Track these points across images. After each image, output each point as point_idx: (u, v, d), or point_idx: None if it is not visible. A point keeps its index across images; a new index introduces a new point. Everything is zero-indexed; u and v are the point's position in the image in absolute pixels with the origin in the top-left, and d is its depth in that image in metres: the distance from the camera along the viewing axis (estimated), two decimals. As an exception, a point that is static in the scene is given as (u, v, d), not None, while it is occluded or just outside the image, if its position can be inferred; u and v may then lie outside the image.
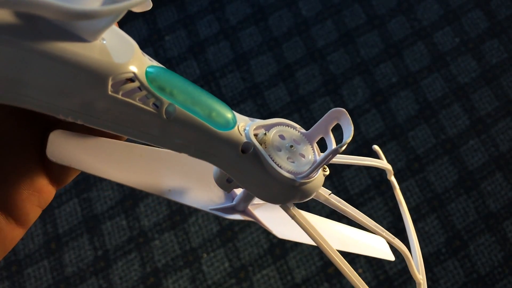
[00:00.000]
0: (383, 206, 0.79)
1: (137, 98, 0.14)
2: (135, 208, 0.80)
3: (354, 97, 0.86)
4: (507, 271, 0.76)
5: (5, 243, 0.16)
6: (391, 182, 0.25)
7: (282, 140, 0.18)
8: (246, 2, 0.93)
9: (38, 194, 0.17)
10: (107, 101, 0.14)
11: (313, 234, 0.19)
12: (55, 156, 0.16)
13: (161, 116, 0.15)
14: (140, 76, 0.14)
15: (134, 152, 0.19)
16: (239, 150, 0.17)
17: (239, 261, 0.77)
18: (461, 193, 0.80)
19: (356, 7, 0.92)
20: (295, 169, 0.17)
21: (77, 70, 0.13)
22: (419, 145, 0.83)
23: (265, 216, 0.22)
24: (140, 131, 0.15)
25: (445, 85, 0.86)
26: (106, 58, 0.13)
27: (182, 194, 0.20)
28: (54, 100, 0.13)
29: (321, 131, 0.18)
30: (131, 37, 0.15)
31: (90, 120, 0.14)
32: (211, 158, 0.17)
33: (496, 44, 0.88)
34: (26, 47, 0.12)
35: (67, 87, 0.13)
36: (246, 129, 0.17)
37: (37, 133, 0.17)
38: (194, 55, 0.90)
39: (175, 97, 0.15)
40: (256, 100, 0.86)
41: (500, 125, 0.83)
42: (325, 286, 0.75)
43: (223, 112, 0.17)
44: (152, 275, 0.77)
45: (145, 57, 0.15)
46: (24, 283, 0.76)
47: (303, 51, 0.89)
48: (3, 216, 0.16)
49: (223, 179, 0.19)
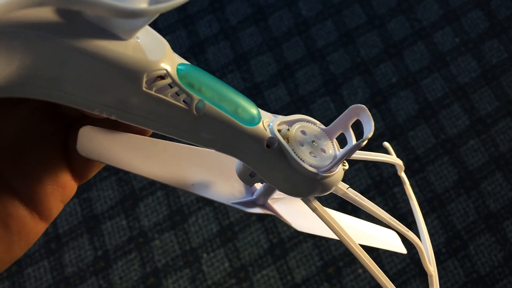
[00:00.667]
0: (383, 206, 0.79)
1: (169, 94, 0.15)
2: (135, 208, 0.80)
3: (354, 97, 0.86)
4: (507, 271, 0.76)
5: (28, 237, 0.16)
6: (401, 177, 0.26)
7: (304, 135, 0.18)
8: (246, 2, 0.93)
9: (62, 189, 0.17)
10: (141, 97, 0.14)
11: (334, 227, 0.20)
12: (85, 151, 0.17)
13: (191, 112, 0.15)
14: (172, 73, 0.15)
15: (158, 147, 0.20)
16: (264, 145, 0.17)
17: (239, 261, 0.77)
18: (461, 193, 0.80)
19: (356, 7, 0.92)
20: (317, 163, 0.18)
21: (114, 67, 0.13)
22: (419, 145, 0.83)
23: (284, 209, 0.23)
24: (171, 126, 0.16)
25: (445, 85, 0.86)
26: (141, 56, 0.14)
27: (205, 188, 0.21)
28: (91, 96, 0.14)
29: (341, 127, 0.19)
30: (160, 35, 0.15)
31: (124, 116, 0.15)
32: (237, 153, 0.17)
33: (496, 44, 0.88)
34: (66, 45, 0.12)
35: (104, 84, 0.14)
36: (270, 125, 0.18)
37: (60, 129, 0.17)
38: (194, 55, 0.90)
39: (204, 93, 0.16)
40: (256, 100, 0.86)
41: (500, 125, 0.83)
42: (325, 286, 0.75)
43: (249, 108, 0.17)
44: (152, 275, 0.77)
45: (175, 55, 0.15)
46: (24, 283, 0.76)
47: (303, 51, 0.89)
48: (28, 210, 0.16)
49: (246, 173, 0.19)
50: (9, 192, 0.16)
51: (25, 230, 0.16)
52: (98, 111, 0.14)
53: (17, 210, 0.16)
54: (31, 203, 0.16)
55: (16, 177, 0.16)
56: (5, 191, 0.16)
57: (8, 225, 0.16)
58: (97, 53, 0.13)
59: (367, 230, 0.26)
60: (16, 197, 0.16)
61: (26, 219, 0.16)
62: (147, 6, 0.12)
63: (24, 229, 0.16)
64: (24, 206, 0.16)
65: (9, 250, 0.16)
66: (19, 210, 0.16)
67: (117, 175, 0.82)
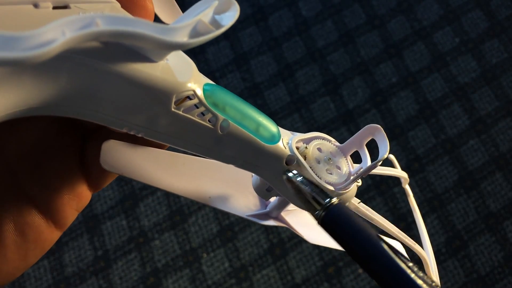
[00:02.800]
0: (383, 206, 0.79)
1: (196, 114, 0.15)
2: (135, 208, 0.80)
3: (354, 97, 0.86)
4: (507, 271, 0.76)
5: (44, 245, 0.17)
6: (406, 190, 0.26)
7: (320, 153, 0.19)
8: (246, 2, 0.93)
9: (78, 198, 0.17)
10: (170, 117, 0.15)
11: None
12: (107, 165, 0.17)
13: (216, 131, 0.16)
14: (199, 94, 0.15)
15: (177, 160, 0.20)
16: (284, 162, 0.18)
17: (239, 261, 0.77)
18: (461, 193, 0.80)
19: (356, 7, 0.92)
20: (333, 180, 0.19)
21: (145, 89, 0.14)
22: (419, 145, 0.83)
23: (296, 222, 0.23)
24: (196, 144, 0.16)
25: (445, 85, 0.86)
26: (171, 77, 0.14)
27: (221, 201, 0.21)
28: (122, 116, 0.14)
29: (356, 145, 0.20)
30: (188, 56, 0.16)
31: (151, 134, 0.15)
32: (257, 170, 0.18)
33: (496, 44, 0.88)
34: (102, 68, 0.13)
35: (135, 104, 0.14)
36: (289, 143, 0.18)
37: (77, 139, 0.17)
38: (194, 55, 0.90)
39: (228, 113, 0.16)
40: (256, 100, 0.86)
41: (500, 125, 0.83)
42: (325, 286, 0.75)
43: (269, 127, 0.18)
44: (152, 275, 0.77)
45: (200, 75, 0.16)
46: (24, 283, 0.76)
47: (303, 51, 0.89)
48: (44, 219, 0.16)
49: (263, 188, 0.20)
50: (27, 201, 0.16)
51: (41, 238, 0.16)
52: (127, 129, 0.15)
53: (34, 219, 0.16)
54: (48, 212, 0.16)
55: (33, 186, 0.16)
56: (23, 199, 0.16)
57: (25, 234, 0.16)
58: (130, 76, 0.13)
59: None
60: (33, 206, 0.16)
61: (42, 228, 0.16)
62: (188, 39, 0.13)
63: (40, 237, 0.16)
64: (40, 215, 0.16)
65: (24, 257, 0.16)
66: (35, 219, 0.16)
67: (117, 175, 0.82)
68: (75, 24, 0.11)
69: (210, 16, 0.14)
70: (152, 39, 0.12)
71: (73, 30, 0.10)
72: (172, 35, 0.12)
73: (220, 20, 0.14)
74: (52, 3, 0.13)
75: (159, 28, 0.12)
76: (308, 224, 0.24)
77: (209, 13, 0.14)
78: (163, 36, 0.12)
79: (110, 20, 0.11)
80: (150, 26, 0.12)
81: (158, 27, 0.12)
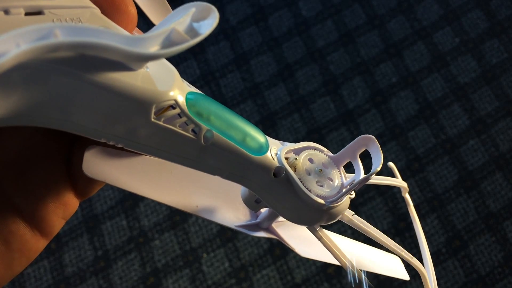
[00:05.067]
0: (383, 206, 0.79)
1: (178, 125, 0.15)
2: (135, 208, 0.80)
3: (354, 97, 0.86)
4: (507, 271, 0.76)
5: (29, 254, 0.16)
6: (405, 199, 0.25)
7: (311, 163, 0.18)
8: (246, 2, 0.93)
9: (64, 206, 0.17)
10: (150, 127, 0.14)
11: (339, 256, 0.20)
12: (90, 172, 0.17)
13: (199, 142, 0.15)
14: (181, 103, 0.15)
15: (164, 168, 0.20)
16: (272, 174, 0.17)
17: (239, 261, 0.77)
18: (461, 193, 0.80)
19: (356, 7, 0.92)
20: (324, 193, 0.18)
21: (124, 98, 0.13)
22: (419, 145, 0.83)
23: (288, 234, 0.23)
24: (178, 156, 0.16)
25: (445, 85, 0.86)
26: (150, 86, 0.14)
27: (209, 212, 0.21)
28: (99, 126, 0.14)
29: (349, 156, 0.19)
30: (170, 63, 0.15)
31: (131, 145, 0.15)
32: (244, 181, 0.17)
33: (496, 44, 0.88)
34: (75, 76, 0.12)
35: (112, 114, 0.14)
36: (278, 154, 0.17)
37: (63, 147, 0.17)
38: (194, 55, 0.90)
39: (212, 123, 0.16)
40: (256, 100, 0.86)
41: (500, 125, 0.83)
42: (325, 286, 0.75)
43: (256, 137, 0.17)
44: (152, 275, 0.77)
45: (184, 83, 0.15)
46: (24, 283, 0.76)
47: (303, 51, 0.89)
48: (29, 228, 0.16)
49: (251, 199, 0.19)
50: (11, 209, 0.16)
51: (26, 247, 0.16)
52: (104, 139, 0.14)
53: (19, 228, 0.16)
54: (33, 221, 0.16)
55: (18, 194, 0.16)
56: (7, 208, 0.16)
57: (9, 242, 0.16)
58: (106, 84, 0.13)
59: (371, 256, 0.25)
60: (18, 214, 0.16)
61: (27, 237, 0.16)
62: (159, 49, 0.12)
63: (25, 246, 0.16)
64: (25, 224, 0.16)
65: (9, 266, 0.16)
66: (20, 228, 0.16)
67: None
68: (31, 35, 0.10)
69: (187, 24, 0.13)
70: (118, 51, 0.11)
71: (28, 41, 0.10)
72: (142, 45, 0.12)
73: (198, 28, 0.13)
74: (24, 9, 0.12)
75: (127, 38, 0.11)
76: (300, 236, 0.23)
77: (185, 20, 0.13)
78: (131, 48, 0.11)
79: (71, 30, 0.10)
80: (116, 37, 0.11)
81: (125, 38, 0.11)
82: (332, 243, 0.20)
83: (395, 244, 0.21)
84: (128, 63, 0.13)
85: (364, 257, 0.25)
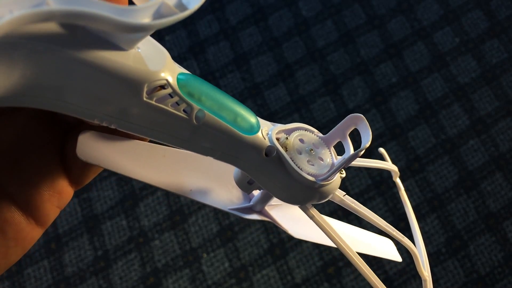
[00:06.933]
0: (383, 206, 0.79)
1: (169, 104, 0.15)
2: (135, 208, 0.80)
3: (354, 97, 0.86)
4: (507, 271, 0.76)
5: (24, 243, 0.16)
6: (396, 183, 0.26)
7: (302, 143, 0.19)
8: (246, 2, 0.93)
9: (58, 195, 0.17)
10: (142, 107, 0.15)
11: (331, 234, 0.20)
12: (84, 156, 0.17)
13: (191, 121, 0.16)
14: (172, 83, 0.15)
15: (157, 152, 0.20)
16: (263, 153, 0.17)
17: (239, 261, 0.77)
18: (461, 193, 0.80)
19: (356, 7, 0.92)
20: (315, 171, 0.18)
21: (115, 77, 0.13)
22: (419, 145, 0.83)
23: (281, 216, 0.23)
24: (171, 135, 0.16)
25: (445, 85, 0.86)
26: (142, 66, 0.14)
27: (203, 194, 0.21)
28: (92, 106, 0.14)
29: (339, 135, 0.19)
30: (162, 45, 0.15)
31: (124, 125, 0.15)
32: (236, 161, 0.18)
33: (496, 44, 0.88)
34: (67, 56, 0.13)
35: (105, 94, 0.14)
36: (269, 134, 0.18)
37: (57, 135, 0.17)
38: (194, 55, 0.90)
39: (204, 103, 0.16)
40: (256, 100, 0.86)
41: (500, 125, 0.83)
42: (325, 286, 0.75)
43: (247, 117, 0.17)
44: (152, 275, 0.77)
45: (175, 64, 0.16)
46: (24, 283, 0.76)
47: (303, 51, 0.89)
48: (24, 216, 0.16)
49: (244, 181, 0.20)
50: (6, 198, 0.16)
51: (21, 236, 0.16)
52: (98, 120, 0.14)
53: (14, 216, 0.16)
54: (28, 209, 0.16)
55: (13, 183, 0.16)
56: (2, 197, 0.16)
57: (4, 231, 0.16)
58: (98, 64, 0.13)
59: (363, 238, 0.26)
60: (13, 203, 0.16)
61: (22, 225, 0.16)
62: (150, 21, 0.12)
63: (20, 235, 0.16)
64: (20, 212, 0.16)
65: (5, 255, 0.16)
66: (15, 216, 0.16)
67: (117, 175, 0.82)
68: (24, 2, 0.10)
69: None
70: (109, 21, 0.11)
71: (21, 8, 0.10)
72: (133, 16, 0.12)
73: (187, 4, 0.13)
74: None
75: (118, 9, 0.11)
76: (293, 218, 0.23)
77: None
78: (122, 18, 0.11)
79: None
80: (107, 7, 0.11)
81: (116, 8, 0.11)
82: (324, 222, 0.20)
83: (386, 224, 0.21)
84: (123, 41, 0.13)
85: (356, 238, 0.25)
